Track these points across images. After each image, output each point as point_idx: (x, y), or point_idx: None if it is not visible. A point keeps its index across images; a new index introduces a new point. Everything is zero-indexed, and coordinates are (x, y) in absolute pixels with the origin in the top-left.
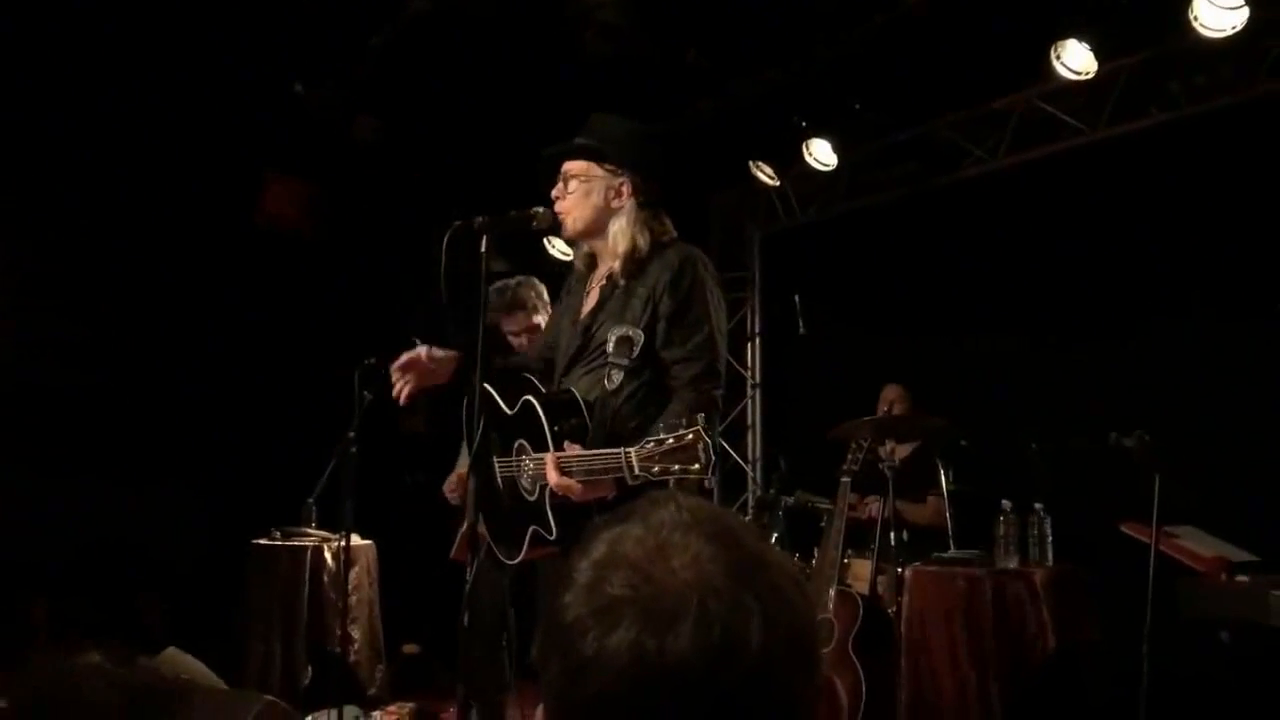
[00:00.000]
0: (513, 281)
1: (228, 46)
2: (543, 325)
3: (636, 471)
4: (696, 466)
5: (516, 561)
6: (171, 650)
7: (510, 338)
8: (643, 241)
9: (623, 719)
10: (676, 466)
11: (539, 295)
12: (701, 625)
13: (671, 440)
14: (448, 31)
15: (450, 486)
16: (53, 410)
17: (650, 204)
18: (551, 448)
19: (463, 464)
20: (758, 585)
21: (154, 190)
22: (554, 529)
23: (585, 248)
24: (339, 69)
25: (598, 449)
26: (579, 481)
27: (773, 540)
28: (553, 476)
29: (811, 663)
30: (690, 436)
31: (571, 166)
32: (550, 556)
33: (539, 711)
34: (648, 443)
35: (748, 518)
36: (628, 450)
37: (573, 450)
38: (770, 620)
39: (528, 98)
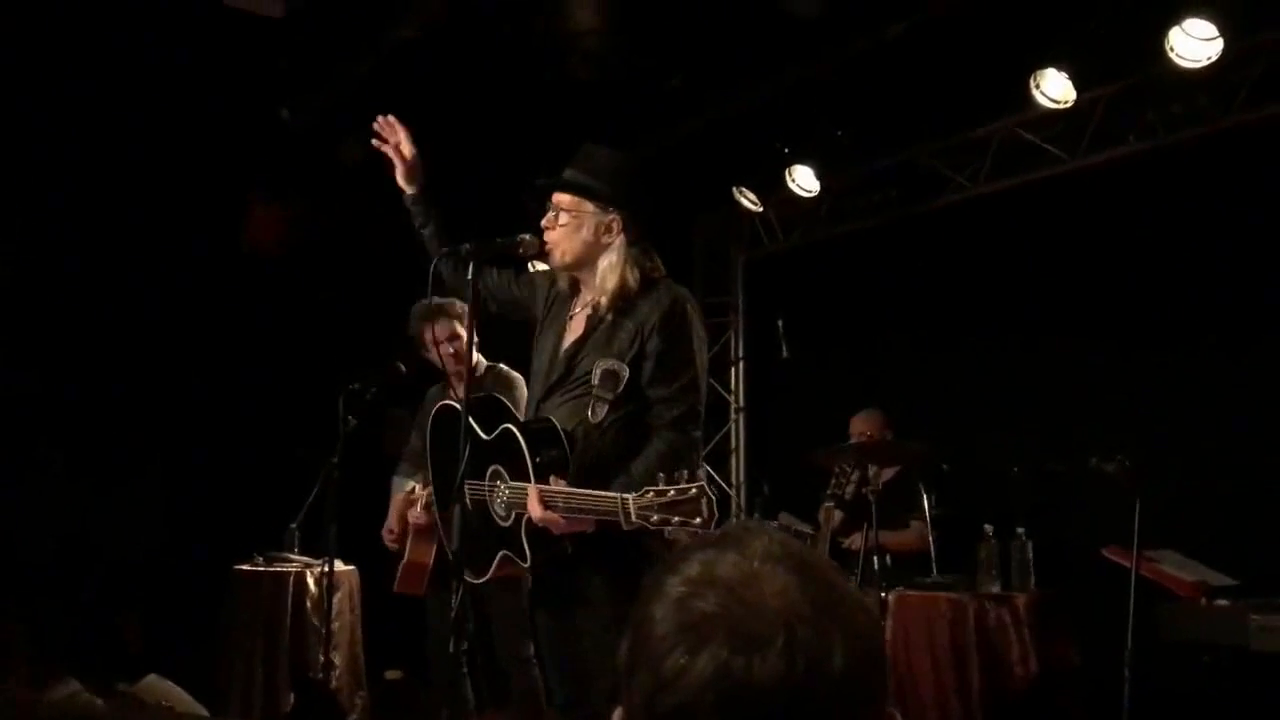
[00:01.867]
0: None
1: (214, 72)
2: (462, 334)
3: (634, 519)
4: (699, 520)
5: (482, 581)
6: (152, 678)
7: (436, 346)
8: (632, 279)
9: None
10: (677, 519)
11: (460, 319)
12: (789, 650)
13: (674, 492)
14: (432, 57)
15: (391, 536)
16: (32, 431)
17: (639, 240)
18: (533, 478)
19: (399, 496)
20: (840, 617)
21: (140, 214)
22: (528, 556)
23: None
24: (325, 95)
25: (580, 483)
26: (563, 516)
27: None
28: (536, 510)
29: (884, 689)
30: (694, 491)
31: (562, 199)
32: (516, 576)
33: (617, 713)
34: (647, 491)
35: None
36: (625, 496)
37: (558, 485)
38: (850, 650)
39: (512, 123)
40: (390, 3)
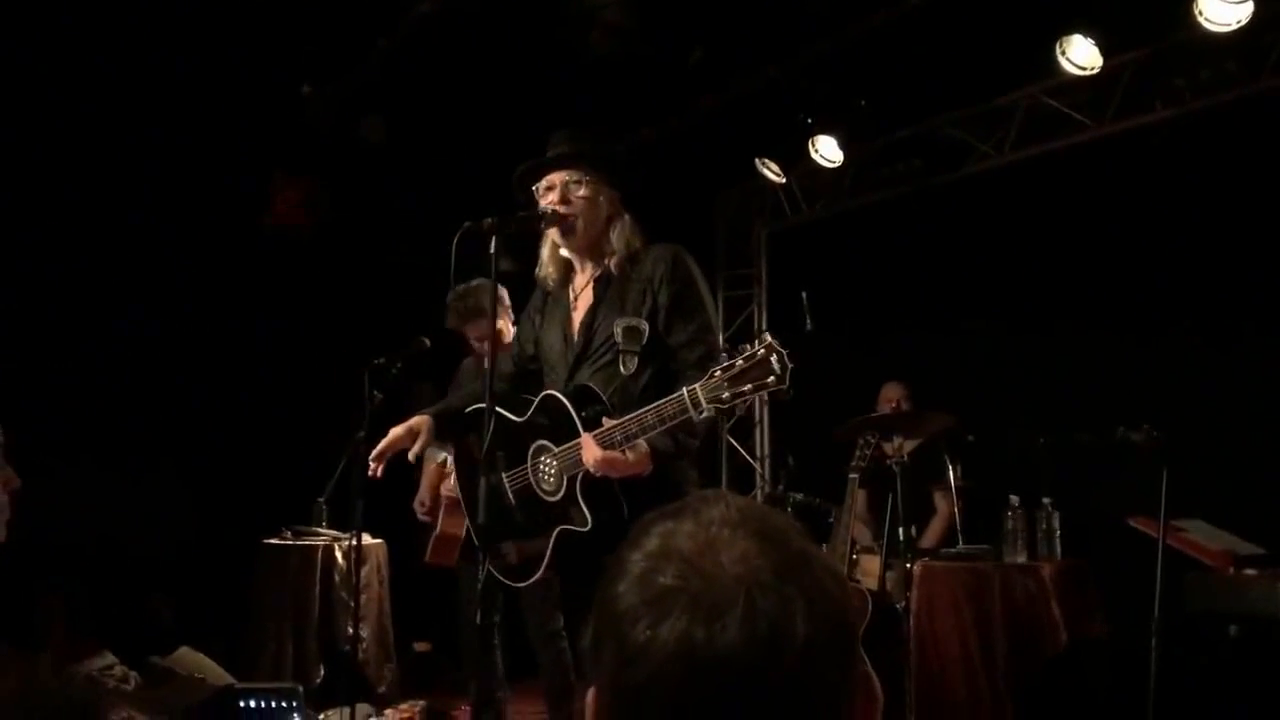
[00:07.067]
0: (473, 284)
1: (235, 48)
2: (502, 328)
3: (704, 406)
4: (772, 379)
5: (532, 582)
6: (184, 649)
7: (474, 343)
8: (637, 243)
9: (672, 705)
10: (748, 386)
11: (498, 299)
12: (749, 618)
13: (740, 361)
14: (453, 32)
15: (423, 508)
16: (62, 411)
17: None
18: (582, 431)
19: (431, 468)
20: (803, 581)
21: (164, 192)
22: (588, 518)
23: (564, 254)
24: (346, 70)
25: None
26: (625, 450)
27: None
28: (595, 453)
29: (852, 654)
30: (761, 352)
31: (571, 175)
32: (546, 580)
33: (590, 692)
34: (714, 372)
35: None
36: (691, 387)
37: (611, 422)
38: (814, 615)
39: (533, 97)
40: None
